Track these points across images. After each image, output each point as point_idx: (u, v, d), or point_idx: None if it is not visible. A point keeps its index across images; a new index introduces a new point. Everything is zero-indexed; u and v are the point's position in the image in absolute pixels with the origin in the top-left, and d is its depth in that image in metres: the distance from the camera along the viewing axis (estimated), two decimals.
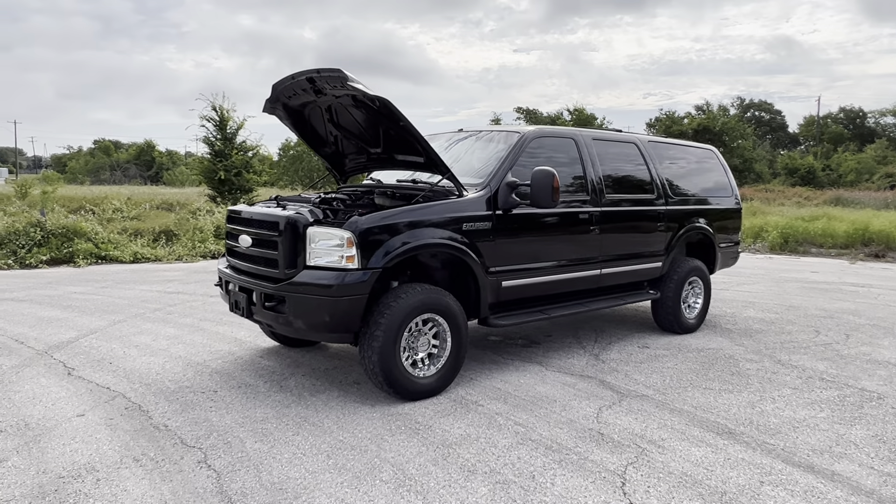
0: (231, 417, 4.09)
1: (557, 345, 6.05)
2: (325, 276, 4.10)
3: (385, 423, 4.04)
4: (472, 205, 4.68)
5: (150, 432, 3.82)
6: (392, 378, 4.26)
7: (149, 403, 4.31)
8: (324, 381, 4.85)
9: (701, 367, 5.45)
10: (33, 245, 11.90)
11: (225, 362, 5.31)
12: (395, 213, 4.30)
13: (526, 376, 5.05)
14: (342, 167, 5.82)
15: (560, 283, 5.33)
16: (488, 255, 4.76)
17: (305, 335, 4.43)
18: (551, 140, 5.49)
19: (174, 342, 5.90)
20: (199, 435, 3.80)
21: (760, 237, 15.94)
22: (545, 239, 5.20)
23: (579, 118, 49.12)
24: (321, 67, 4.49)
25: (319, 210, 4.47)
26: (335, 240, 4.13)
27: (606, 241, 5.68)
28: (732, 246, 7.30)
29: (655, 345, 6.15)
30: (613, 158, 5.98)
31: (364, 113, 4.87)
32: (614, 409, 4.36)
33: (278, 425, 3.97)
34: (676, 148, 6.89)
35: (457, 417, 4.16)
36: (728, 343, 6.30)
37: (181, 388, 4.65)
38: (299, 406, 4.31)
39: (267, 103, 5.11)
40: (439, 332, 4.56)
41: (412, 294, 4.33)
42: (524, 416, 4.19)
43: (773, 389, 4.88)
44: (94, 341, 5.92)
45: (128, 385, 4.68)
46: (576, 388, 4.78)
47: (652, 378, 5.09)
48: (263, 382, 4.79)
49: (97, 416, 4.06)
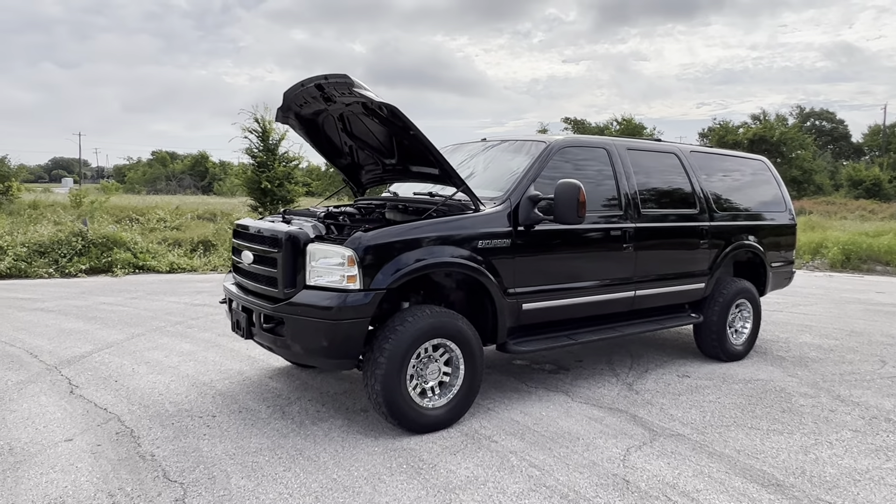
0: (223, 447, 3.81)
1: (588, 371, 5.58)
2: (324, 298, 3.79)
3: (386, 459, 3.69)
4: (488, 220, 4.30)
5: (135, 462, 3.57)
6: (396, 409, 3.91)
7: (142, 428, 4.08)
8: (329, 407, 4.53)
9: (747, 401, 4.90)
10: (74, 254, 12.09)
11: (232, 383, 5.06)
12: (401, 230, 3.96)
13: (549, 408, 4.61)
14: (359, 179, 5.52)
15: (588, 306, 4.88)
16: (507, 276, 4.36)
17: (305, 360, 4.14)
18: (580, 150, 5.07)
19: (186, 359, 5.71)
20: (184, 467, 3.52)
21: (819, 253, 14.94)
22: (571, 258, 4.76)
23: (627, 128, 48.08)
24: (329, 73, 4.22)
25: (323, 225, 4.18)
26: (336, 258, 3.81)
27: (641, 260, 5.20)
28: (786, 265, 6.68)
29: (697, 374, 5.61)
30: (651, 170, 5.50)
31: (376, 122, 4.57)
32: (644, 451, 3.89)
33: (270, 458, 3.67)
34: (723, 159, 6.35)
35: (466, 455, 3.77)
36: (780, 373, 5.71)
37: (180, 411, 4.41)
38: (297, 436, 4.00)
39: (279, 112, 4.87)
40: (451, 359, 4.19)
41: (420, 317, 3.98)
42: (541, 457, 3.77)
43: (831, 432, 4.30)
44: (106, 356, 5.78)
45: (126, 406, 4.47)
46: (603, 424, 4.32)
47: (690, 413, 4.58)
48: (266, 407, 4.50)
49: (85, 441, 3.85)
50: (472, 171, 5.16)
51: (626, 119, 50.53)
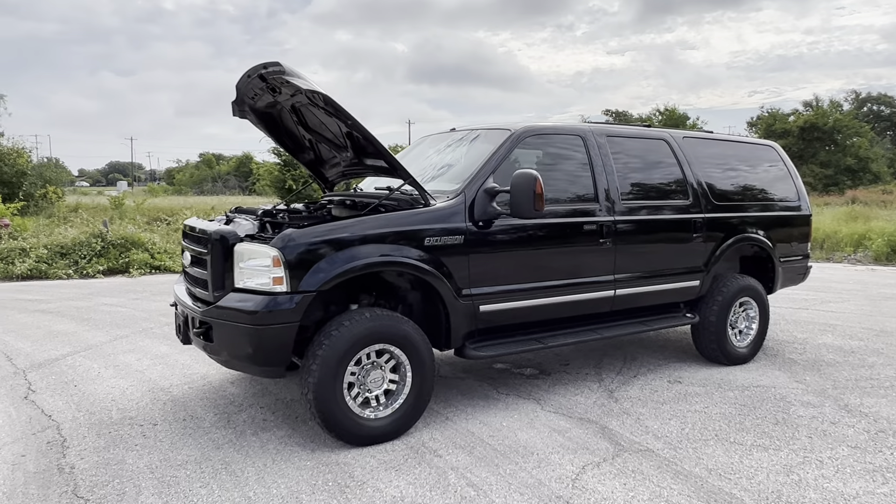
0: (149, 459, 3.61)
1: (570, 376, 5.19)
2: (247, 301, 3.54)
3: (314, 475, 3.42)
4: (437, 216, 3.98)
5: (50, 476, 3.40)
6: (332, 420, 3.64)
7: (76, 437, 3.92)
8: (279, 415, 4.30)
9: (738, 411, 4.44)
10: (93, 255, 12.27)
11: (191, 388, 4.89)
12: (332, 228, 3.68)
13: (512, 417, 4.26)
14: (324, 175, 5.27)
15: (557, 307, 4.50)
16: (460, 276, 4.03)
17: (233, 367, 3.90)
18: (550, 138, 4.68)
19: (157, 362, 5.58)
20: (98, 481, 3.33)
21: (862, 246, 13.96)
22: (536, 255, 4.38)
23: (670, 118, 46.62)
24: (267, 62, 3.97)
25: (259, 224, 3.93)
26: (263, 258, 3.56)
27: (622, 256, 4.78)
28: (798, 260, 6.11)
29: (690, 379, 5.15)
30: (635, 158, 5.07)
31: (323, 113, 4.29)
32: (602, 469, 3.51)
33: (192, 472, 3.45)
34: (724, 145, 5.84)
35: (402, 472, 3.46)
36: (785, 379, 5.19)
37: (123, 418, 4.25)
38: (231, 448, 3.77)
39: (234, 105, 4.65)
40: (399, 367, 3.89)
41: (359, 321, 3.69)
42: (484, 475, 3.43)
43: (825, 448, 3.82)
44: (80, 359, 5.70)
45: (73, 413, 4.34)
46: (566, 437, 3.95)
47: (668, 425, 4.16)
48: (213, 415, 4.30)
49: (11, 451, 3.71)
50: (437, 164, 4.84)
51: (668, 109, 49.08)
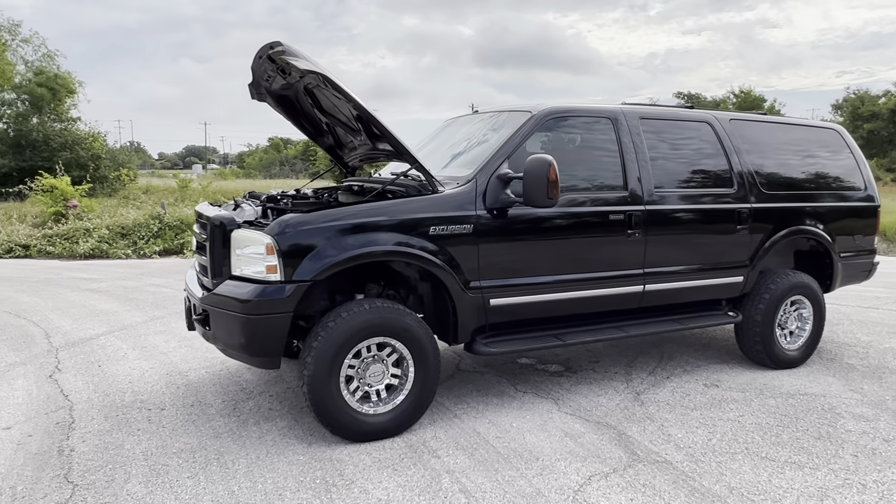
0: (146, 445, 3.59)
1: (597, 375, 4.88)
2: (241, 289, 3.44)
3: (303, 471, 3.30)
4: (444, 203, 3.75)
5: (48, 458, 3.42)
6: (328, 414, 3.51)
7: (84, 419, 3.96)
8: (285, 405, 4.22)
9: (777, 421, 4.03)
10: (150, 236, 12.72)
11: (208, 373, 4.89)
12: (330, 215, 3.52)
13: (525, 418, 4.02)
14: (344, 160, 5.13)
15: (576, 302, 4.20)
16: (468, 267, 3.80)
17: (230, 356, 3.82)
18: (575, 120, 4.36)
19: (182, 345, 5.63)
20: (92, 466, 3.33)
21: None
22: (554, 247, 4.09)
23: (745, 101, 44.27)
24: (273, 41, 3.83)
25: (261, 210, 3.83)
26: (257, 245, 3.45)
27: (653, 248, 4.42)
28: (863, 255, 5.53)
29: (729, 383, 4.74)
30: (672, 143, 4.67)
31: (335, 95, 4.13)
32: (609, 481, 3.23)
33: (185, 461, 3.40)
34: (779, 129, 5.32)
35: (395, 472, 3.30)
36: (839, 387, 4.71)
37: (134, 401, 4.27)
38: (229, 437, 3.71)
39: (250, 88, 4.56)
40: (402, 361, 3.72)
41: (357, 313, 3.54)
42: (480, 480, 3.23)
43: (872, 469, 3.40)
44: (112, 339, 5.83)
45: (89, 394, 4.40)
46: (578, 442, 3.68)
47: (694, 435, 3.81)
48: (221, 402, 4.27)
49: (19, 431, 3.77)
50: (456, 148, 4.61)
51: (743, 91, 46.61)
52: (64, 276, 9.56)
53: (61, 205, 14.28)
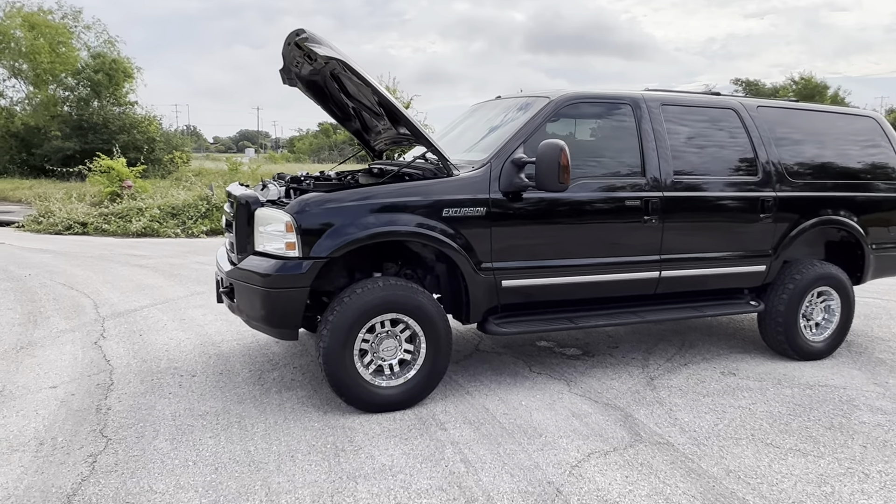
0: (175, 407, 3.86)
1: (614, 360, 4.94)
2: (262, 264, 3.65)
3: (316, 436, 3.50)
4: (457, 186, 3.87)
5: (87, 415, 3.73)
6: (341, 385, 3.70)
7: (122, 382, 4.27)
8: (307, 377, 4.44)
9: (789, 411, 4.02)
10: (198, 216, 13.24)
11: (239, 344, 5.16)
12: (345, 195, 3.69)
13: (535, 397, 4.13)
14: (370, 144, 5.29)
15: (589, 286, 4.26)
16: (481, 249, 3.92)
17: (252, 327, 4.04)
18: (595, 106, 4.39)
19: (218, 318, 5.93)
20: (125, 423, 3.62)
21: None
22: (567, 231, 4.16)
23: (805, 88, 42.56)
24: (298, 28, 4.00)
25: (284, 190, 4.02)
26: (277, 223, 3.65)
27: (671, 235, 4.43)
28: None
29: (747, 372, 4.73)
30: (695, 130, 4.65)
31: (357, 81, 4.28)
32: (608, 459, 3.32)
33: (209, 423, 3.65)
34: (810, 116, 5.21)
35: (401, 441, 3.47)
36: (862, 380, 4.64)
37: (168, 368, 4.57)
38: (250, 404, 3.95)
39: (281, 74, 4.76)
40: (414, 337, 3.88)
41: (371, 290, 3.70)
42: (482, 452, 3.36)
43: (879, 460, 3.38)
44: (154, 311, 6.19)
45: (129, 360, 4.72)
46: (583, 422, 3.77)
47: (701, 420, 3.85)
48: (248, 371, 4.52)
49: (64, 390, 4.10)
50: (477, 133, 4.71)
51: (803, 78, 44.81)
52: (116, 252, 10.10)
53: (117, 185, 14.98)
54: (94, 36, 27.86)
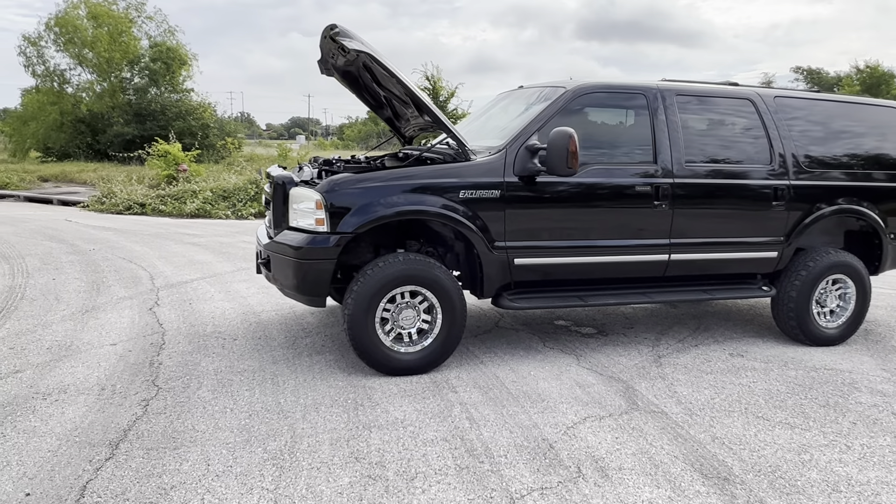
0: (217, 364, 4.33)
1: (626, 339, 5.18)
2: (294, 238, 4.06)
3: (339, 392, 3.90)
4: (474, 170, 4.18)
5: (142, 367, 4.23)
6: (364, 349, 4.09)
7: (172, 342, 4.77)
8: (336, 343, 4.85)
9: (788, 389, 4.21)
10: (248, 199, 13.90)
11: (278, 314, 5.62)
12: (369, 177, 4.05)
13: (543, 368, 4.43)
14: (401, 130, 5.64)
15: (598, 267, 4.52)
16: (495, 229, 4.23)
17: (286, 294, 4.45)
18: (609, 96, 4.62)
19: (261, 291, 6.41)
20: (173, 375, 4.10)
21: None
22: (578, 213, 4.42)
23: (870, 77, 40.81)
24: (332, 23, 4.37)
25: (315, 172, 4.41)
26: (308, 202, 4.04)
27: (680, 220, 4.63)
28: None
29: (756, 354, 4.90)
30: (709, 119, 4.82)
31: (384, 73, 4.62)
32: (603, 423, 3.60)
33: (246, 378, 4.09)
34: (830, 106, 5.28)
35: (414, 400, 3.83)
36: (871, 366, 4.76)
37: (213, 332, 5.05)
38: (283, 364, 4.38)
39: (319, 64, 5.15)
40: (432, 308, 4.23)
41: (392, 264, 4.07)
42: (487, 412, 3.70)
43: (864, 435, 3.56)
44: (203, 284, 6.73)
45: (179, 324, 5.23)
46: (586, 391, 4.06)
47: (699, 394, 4.08)
48: (283, 337, 4.96)
49: (123, 347, 4.63)
50: (499, 122, 5.00)
51: (869, 66, 42.89)
52: (171, 231, 10.79)
53: (173, 168, 15.82)
54: (155, 25, 29.09)
